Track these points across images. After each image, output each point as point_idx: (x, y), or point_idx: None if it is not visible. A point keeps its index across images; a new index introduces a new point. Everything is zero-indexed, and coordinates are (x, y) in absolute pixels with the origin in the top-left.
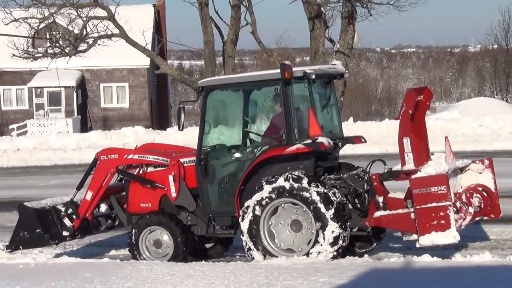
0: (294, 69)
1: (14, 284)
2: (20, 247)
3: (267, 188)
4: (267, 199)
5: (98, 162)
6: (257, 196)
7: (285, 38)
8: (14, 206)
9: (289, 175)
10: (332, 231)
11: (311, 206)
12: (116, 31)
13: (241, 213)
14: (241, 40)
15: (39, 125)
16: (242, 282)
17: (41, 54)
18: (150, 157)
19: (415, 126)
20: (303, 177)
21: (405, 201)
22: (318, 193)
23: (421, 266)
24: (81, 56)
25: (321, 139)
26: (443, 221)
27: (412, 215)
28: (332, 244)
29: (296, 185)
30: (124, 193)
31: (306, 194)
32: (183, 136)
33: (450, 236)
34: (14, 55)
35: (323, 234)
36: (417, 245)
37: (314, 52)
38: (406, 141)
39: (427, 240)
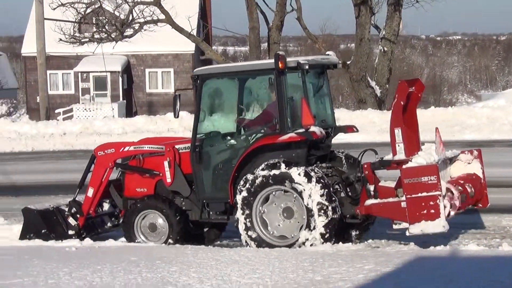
0: (288, 59)
1: (62, 266)
2: None
3: (258, 176)
4: (258, 187)
5: (96, 158)
6: (248, 184)
7: (330, 24)
8: (61, 190)
9: (281, 163)
10: (322, 219)
11: (302, 194)
12: (162, 16)
13: (234, 201)
14: (286, 26)
15: (85, 109)
16: (287, 268)
17: (87, 39)
18: (145, 146)
19: (406, 117)
20: (294, 165)
21: (395, 190)
22: (308, 181)
23: (468, 255)
24: (127, 41)
25: (313, 128)
26: (432, 211)
27: (403, 204)
28: (322, 231)
29: (287, 173)
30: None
31: (296, 182)
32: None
33: (440, 226)
34: (61, 39)
35: (313, 222)
36: (407, 234)
37: (359, 39)
38: (398, 132)
39: (417, 228)
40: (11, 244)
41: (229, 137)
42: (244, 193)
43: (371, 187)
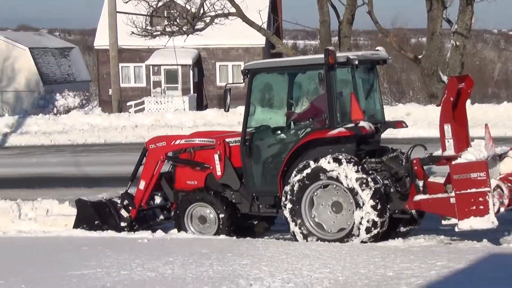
0: (337, 54)
1: (134, 258)
2: None
3: (308, 170)
4: (308, 181)
5: (147, 151)
6: (298, 178)
7: (401, 18)
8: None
9: (330, 158)
10: (367, 192)
11: (350, 189)
12: (233, 10)
13: (283, 194)
14: (357, 20)
15: (156, 102)
16: (358, 264)
17: (159, 32)
18: (196, 140)
19: (456, 113)
20: (343, 159)
21: (444, 185)
22: (357, 176)
23: None
24: (198, 35)
25: (362, 123)
26: (482, 207)
27: (452, 200)
28: (372, 203)
29: (336, 168)
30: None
31: (345, 177)
32: None
33: (489, 222)
34: (133, 33)
35: (360, 199)
36: (456, 229)
37: (431, 33)
38: (447, 128)
39: (466, 224)
40: (84, 235)
41: (278, 131)
42: (289, 205)
43: (420, 183)
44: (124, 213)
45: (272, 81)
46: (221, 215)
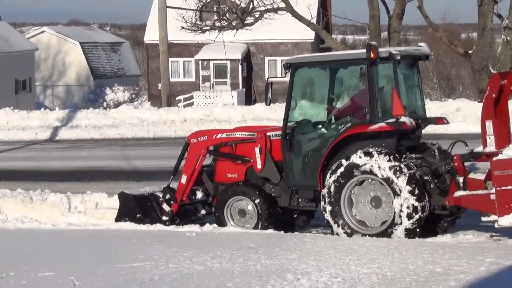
0: (380, 49)
1: (182, 251)
2: None
3: (341, 169)
4: (343, 180)
5: (189, 145)
6: (333, 179)
7: (451, 13)
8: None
9: (360, 153)
10: (409, 201)
11: (390, 185)
12: (282, 4)
13: (321, 198)
14: (407, 14)
15: (205, 97)
16: (406, 259)
17: (208, 27)
18: (237, 133)
19: (498, 109)
20: (374, 152)
21: (485, 182)
22: (390, 165)
23: None
24: (247, 30)
25: (403, 119)
26: None
27: (492, 196)
28: (411, 213)
29: (368, 161)
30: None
31: (378, 168)
32: None
33: None
34: (182, 27)
35: (396, 229)
36: (496, 226)
37: (481, 28)
38: (489, 124)
39: (506, 221)
40: (134, 228)
41: (319, 126)
42: (328, 207)
43: (461, 179)
44: (166, 207)
45: (313, 76)
46: (261, 209)
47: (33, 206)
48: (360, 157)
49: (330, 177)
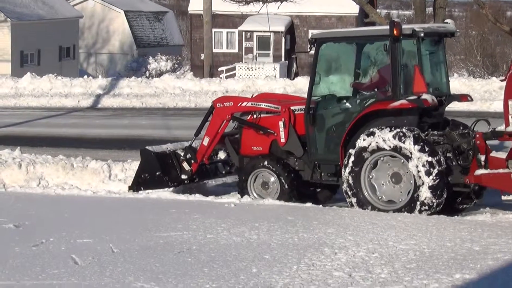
0: (403, 26)
1: (220, 222)
2: (142, 188)
3: (367, 141)
4: (367, 152)
5: (214, 109)
6: (357, 148)
7: None
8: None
9: (371, 132)
10: (430, 187)
11: (400, 152)
12: None
13: (343, 185)
14: None
15: (247, 68)
16: (444, 237)
17: None
18: (262, 104)
19: None
20: (404, 131)
21: (506, 161)
22: (402, 137)
23: None
24: (292, 2)
25: (425, 96)
26: None
27: None
28: (429, 200)
29: (396, 139)
30: (238, 136)
31: (406, 148)
32: None
33: None
34: None
35: (421, 190)
36: None
37: None
38: (511, 103)
39: None
40: (173, 197)
41: (343, 101)
42: (353, 157)
43: (482, 157)
44: (186, 166)
45: (338, 51)
46: (283, 182)
47: (74, 173)
48: (364, 140)
49: (344, 171)
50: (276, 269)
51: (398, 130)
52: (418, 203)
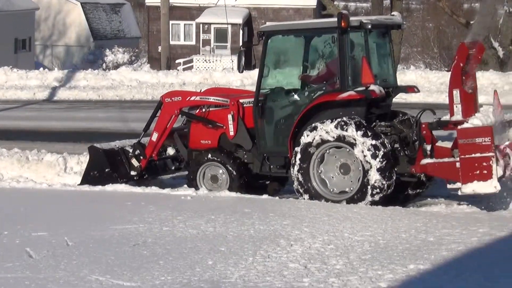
0: (351, 18)
1: (176, 214)
2: (91, 185)
3: (311, 136)
4: (312, 147)
5: (163, 104)
6: (302, 145)
7: None
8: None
9: (314, 127)
10: (378, 170)
11: (344, 141)
12: None
13: (294, 184)
14: None
15: (205, 60)
16: (399, 228)
17: None
18: (211, 98)
19: (466, 78)
20: (345, 120)
21: (451, 150)
22: (343, 126)
23: None
24: None
25: (373, 87)
26: (485, 171)
27: (457, 164)
28: (379, 182)
29: (339, 129)
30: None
31: (349, 135)
32: None
33: (491, 186)
34: None
35: (370, 174)
36: (459, 193)
37: None
38: (456, 93)
39: (469, 188)
40: (129, 190)
41: (291, 93)
42: (300, 150)
43: (428, 147)
44: (134, 162)
45: (287, 44)
46: (233, 175)
47: (29, 166)
48: (307, 135)
49: (293, 169)
50: (231, 261)
51: (339, 120)
52: (369, 187)
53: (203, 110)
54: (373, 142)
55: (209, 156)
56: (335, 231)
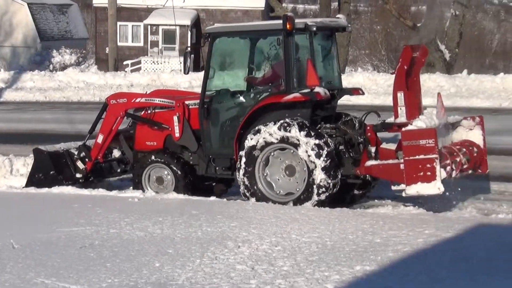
0: (296, 20)
1: (123, 216)
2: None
3: (255, 139)
4: (257, 150)
5: (108, 106)
6: (247, 149)
7: None
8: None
9: (257, 130)
10: (323, 169)
11: (287, 142)
12: None
13: (240, 188)
14: None
15: (153, 62)
16: (347, 229)
17: None
18: (156, 100)
19: (410, 81)
20: (288, 121)
21: (396, 152)
22: (286, 127)
23: None
24: None
25: (318, 89)
26: (429, 173)
27: (401, 166)
28: (324, 181)
29: (282, 130)
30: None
31: (293, 136)
32: None
33: (435, 187)
34: None
35: (315, 174)
36: (404, 194)
37: (431, 1)
38: (400, 95)
39: (413, 190)
40: (75, 192)
41: (237, 95)
42: (245, 154)
43: (373, 149)
44: (80, 164)
45: (232, 45)
46: (178, 175)
47: None
48: (251, 139)
49: (239, 174)
50: (179, 263)
51: (282, 121)
52: (315, 186)
53: (149, 111)
54: (317, 141)
55: (153, 157)
56: (283, 233)
